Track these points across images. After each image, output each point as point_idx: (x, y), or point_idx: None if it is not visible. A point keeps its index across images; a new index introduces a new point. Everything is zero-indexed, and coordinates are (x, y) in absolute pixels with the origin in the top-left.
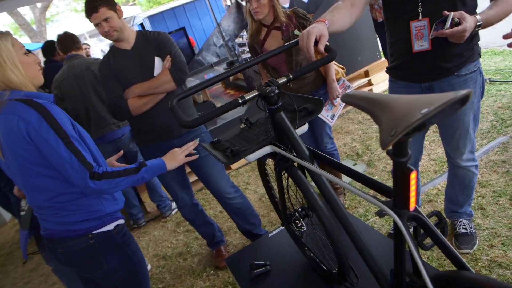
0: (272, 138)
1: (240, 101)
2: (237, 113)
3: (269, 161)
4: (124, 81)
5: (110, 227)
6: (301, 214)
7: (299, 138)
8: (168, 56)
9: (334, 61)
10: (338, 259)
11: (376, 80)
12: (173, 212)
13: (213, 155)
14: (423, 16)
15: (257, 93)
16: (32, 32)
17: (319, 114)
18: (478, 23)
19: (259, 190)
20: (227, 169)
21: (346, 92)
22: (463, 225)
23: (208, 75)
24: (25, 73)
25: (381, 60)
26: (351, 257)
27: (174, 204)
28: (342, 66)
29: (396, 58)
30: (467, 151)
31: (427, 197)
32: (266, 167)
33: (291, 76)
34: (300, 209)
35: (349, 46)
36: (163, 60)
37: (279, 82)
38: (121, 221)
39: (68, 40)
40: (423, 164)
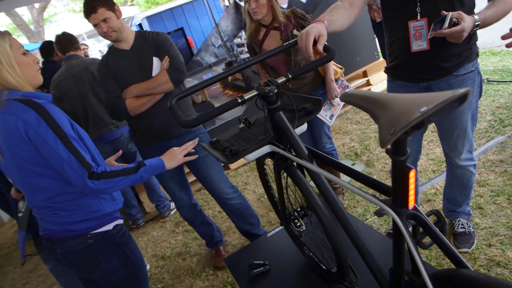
0: (271, 138)
1: (240, 101)
2: (236, 114)
3: (268, 161)
4: (123, 81)
5: (109, 227)
6: (300, 214)
7: (298, 138)
8: (166, 57)
9: (333, 61)
10: (337, 259)
11: (375, 80)
12: (172, 213)
13: (213, 155)
14: (422, 16)
15: (256, 93)
16: (30, 33)
17: (318, 114)
18: (476, 23)
19: (258, 190)
20: (226, 170)
21: (345, 92)
22: (462, 225)
23: (207, 76)
24: (24, 74)
25: (380, 60)
26: (350, 257)
27: (173, 205)
28: (341, 66)
29: (395, 58)
30: (465, 151)
31: (426, 197)
32: (265, 167)
33: (290, 76)
34: (299, 209)
35: (348, 46)
36: (162, 61)
37: (278, 82)
38: (120, 221)
39: (67, 40)
40: (422, 164)
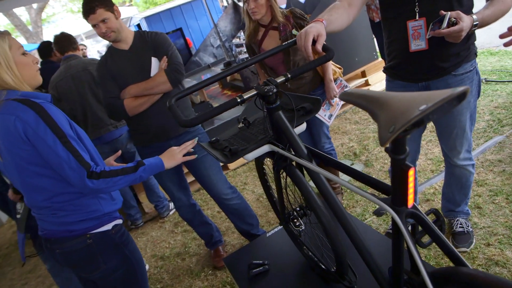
0: (271, 137)
1: (239, 100)
2: (234, 114)
3: (267, 161)
4: (122, 82)
5: (108, 227)
6: (299, 213)
7: (298, 137)
8: (165, 57)
9: (332, 61)
10: (337, 258)
11: (373, 80)
12: (171, 213)
13: (212, 154)
14: (420, 16)
15: (256, 92)
16: (28, 33)
17: (317, 114)
18: (475, 23)
19: (257, 190)
20: (225, 170)
21: (344, 91)
22: (460, 224)
23: (205, 76)
24: (23, 74)
25: (378, 61)
26: (349, 256)
27: (172, 205)
28: (340, 66)
29: (393, 58)
30: (464, 150)
31: (424, 196)
32: (264, 167)
33: (289, 75)
34: (298, 208)
35: (346, 47)
36: (160, 61)
37: (278, 81)
38: (119, 221)
39: (65, 41)
40: (420, 164)
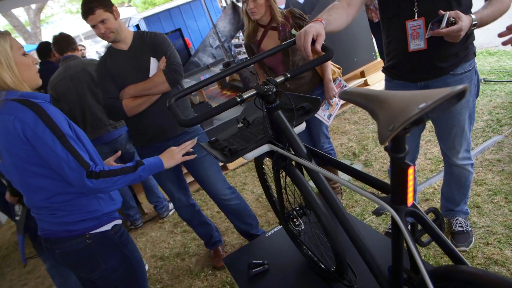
0: (270, 137)
1: (238, 100)
2: (234, 114)
3: (267, 161)
4: (121, 82)
5: (108, 227)
6: (299, 213)
7: (297, 137)
8: (163, 57)
9: (331, 61)
10: (336, 257)
11: (372, 81)
12: (170, 213)
13: (211, 154)
14: (419, 16)
15: (255, 92)
16: (27, 34)
17: (316, 114)
18: (474, 23)
19: (256, 190)
20: (224, 170)
21: (344, 90)
22: (459, 223)
23: (204, 76)
24: (23, 75)
25: (377, 61)
26: (349, 255)
27: (171, 205)
28: (339, 66)
29: (392, 58)
30: (463, 150)
31: (424, 196)
32: (264, 167)
33: (289, 75)
34: (298, 208)
35: (345, 47)
36: (159, 61)
37: (277, 81)
38: (119, 221)
39: (64, 41)
40: (419, 164)
